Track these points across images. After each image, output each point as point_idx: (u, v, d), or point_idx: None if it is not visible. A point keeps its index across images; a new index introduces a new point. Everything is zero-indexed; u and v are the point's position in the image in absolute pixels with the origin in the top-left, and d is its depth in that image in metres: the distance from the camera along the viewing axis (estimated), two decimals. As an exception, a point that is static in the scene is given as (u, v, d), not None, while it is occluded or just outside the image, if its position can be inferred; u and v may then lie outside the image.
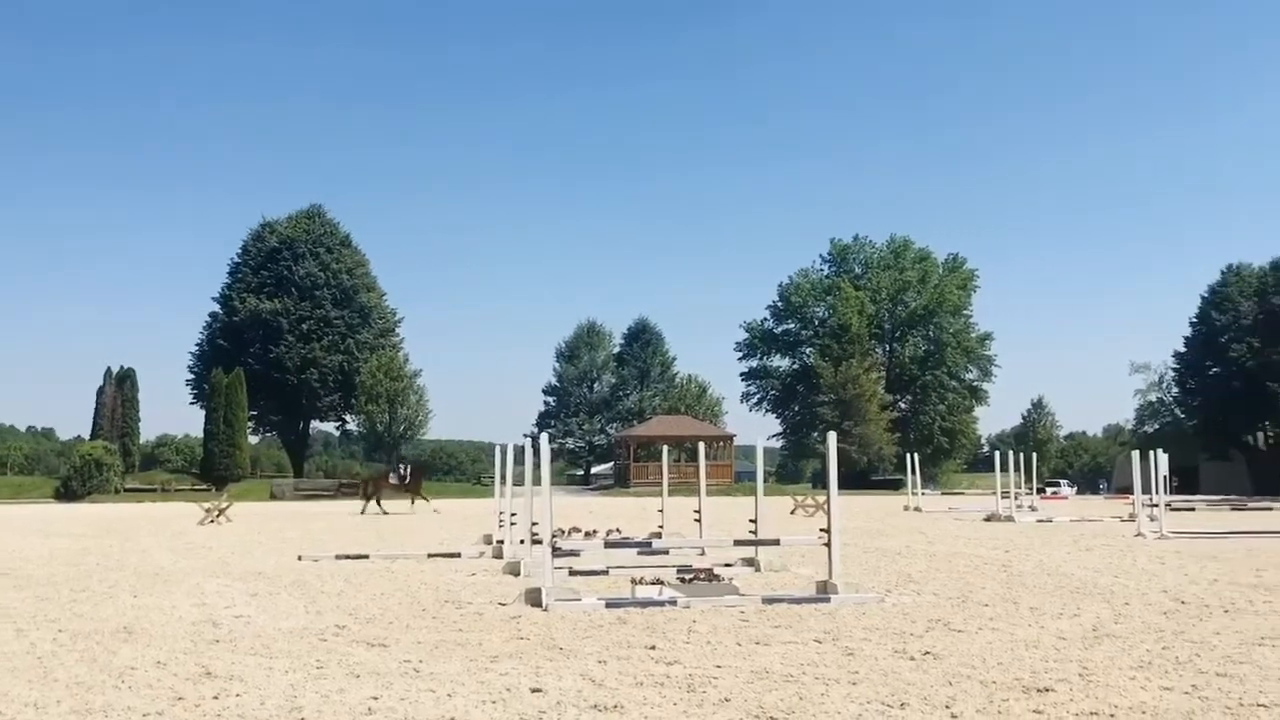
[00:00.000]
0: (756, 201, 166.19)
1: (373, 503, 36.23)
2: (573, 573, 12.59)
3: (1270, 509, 32.73)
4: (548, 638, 8.41)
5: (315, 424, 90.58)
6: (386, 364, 78.32)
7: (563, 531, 18.67)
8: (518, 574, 13.13)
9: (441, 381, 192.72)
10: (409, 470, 39.56)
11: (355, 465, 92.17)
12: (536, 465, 11.71)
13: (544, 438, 11.25)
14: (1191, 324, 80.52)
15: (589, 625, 9.08)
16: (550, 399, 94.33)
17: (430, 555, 16.36)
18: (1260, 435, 77.64)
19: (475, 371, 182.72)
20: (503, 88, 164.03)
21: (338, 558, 15.99)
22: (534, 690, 6.46)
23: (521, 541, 14.37)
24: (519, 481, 14.56)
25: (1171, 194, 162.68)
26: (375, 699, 6.19)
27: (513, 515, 15.34)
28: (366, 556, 16.10)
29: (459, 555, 16.35)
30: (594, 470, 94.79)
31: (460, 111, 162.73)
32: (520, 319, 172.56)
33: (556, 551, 10.74)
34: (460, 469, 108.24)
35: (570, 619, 9.40)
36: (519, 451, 15.06)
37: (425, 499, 38.75)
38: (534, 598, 10.27)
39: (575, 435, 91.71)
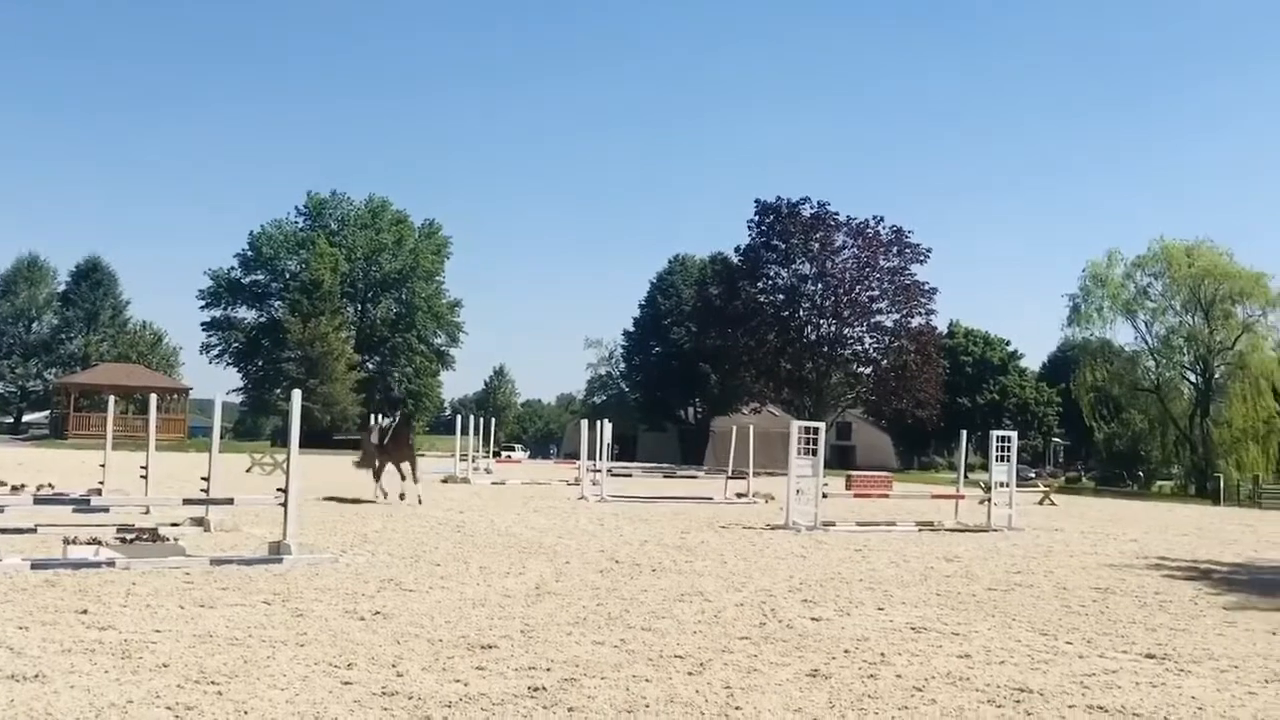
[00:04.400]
0: (229, 145, 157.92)
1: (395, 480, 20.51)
2: (-7, 531, 11.38)
3: (695, 476, 36.39)
4: (-42, 604, 7.56)
5: None
6: None
7: (-16, 485, 16.80)
8: (-76, 532, 11.67)
9: None
10: (391, 424, 20.78)
11: None
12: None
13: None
14: (640, 307, 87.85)
15: (10, 588, 8.26)
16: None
17: None
18: (691, 410, 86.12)
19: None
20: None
21: None
22: (-63, 662, 5.79)
23: (-69, 496, 12.77)
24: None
25: (632, 186, 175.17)
26: None
27: (-78, 466, 13.60)
28: None
29: None
30: (26, 419, 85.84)
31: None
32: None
33: (-26, 508, 9.66)
34: None
35: (-13, 582, 8.51)
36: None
37: (416, 479, 20.16)
38: (-57, 559, 9.18)
39: (6, 379, 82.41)
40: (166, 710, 5.06)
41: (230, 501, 12.44)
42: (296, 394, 11.27)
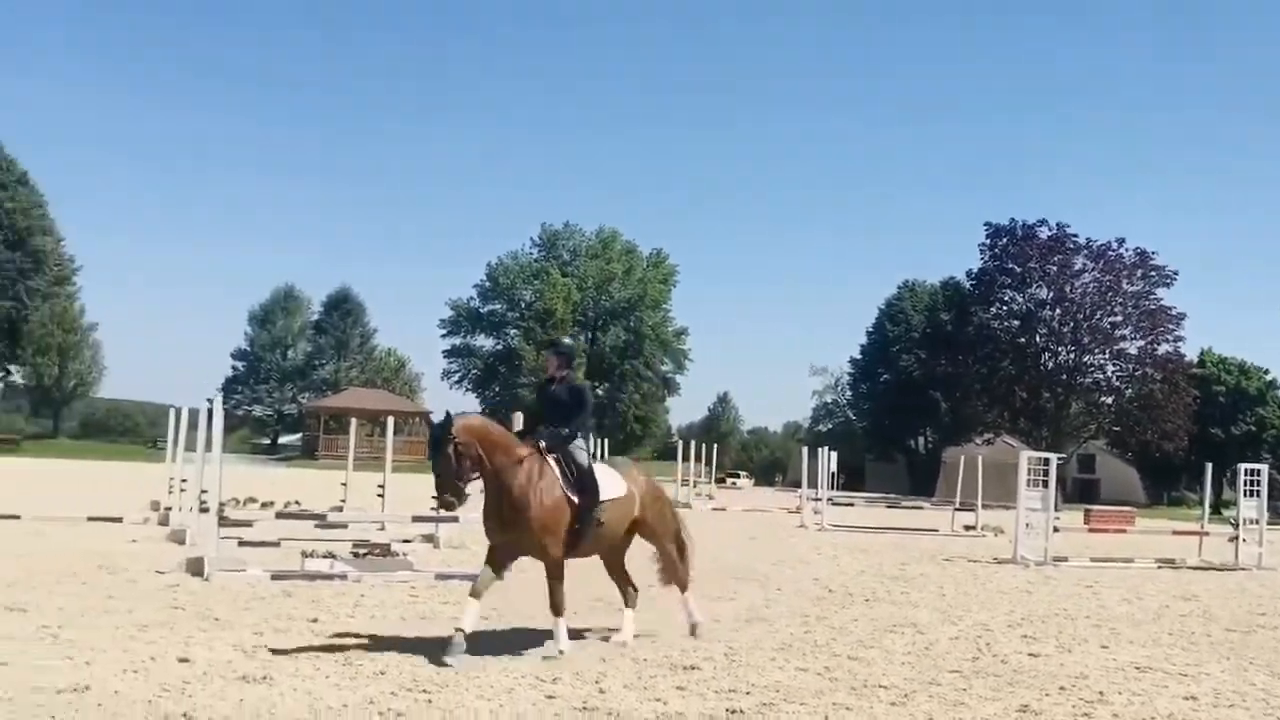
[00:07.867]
0: (472, 178, 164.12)
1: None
2: (242, 544, 12.17)
3: (921, 508, 35.45)
4: (204, 608, 8.14)
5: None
6: (60, 314, 72.94)
7: (237, 501, 18.02)
8: (183, 542, 12.58)
9: (121, 336, 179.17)
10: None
11: (18, 420, 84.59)
12: (209, 430, 11.26)
13: (218, 402, 10.87)
14: (868, 333, 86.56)
15: (251, 597, 8.84)
16: (239, 364, 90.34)
17: (90, 519, 15.41)
18: (921, 439, 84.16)
19: (160, 328, 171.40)
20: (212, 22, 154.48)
21: (-16, 518, 14.82)
22: (181, 660, 6.26)
23: (191, 509, 13.79)
24: (194, 447, 13.95)
25: (856, 206, 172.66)
26: (3, 665, 5.84)
27: (183, 482, 14.69)
28: (18, 517, 14.98)
29: (120, 520, 15.48)
30: (282, 440, 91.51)
31: (159, 42, 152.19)
32: (211, 277, 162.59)
33: (224, 521, 10.40)
34: (137, 431, 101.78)
35: (232, 590, 9.13)
36: (195, 415, 14.40)
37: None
38: (195, 567, 9.91)
39: (264, 403, 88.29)
40: (379, 715, 5.31)
41: (456, 519, 12.90)
42: (518, 416, 11.62)
